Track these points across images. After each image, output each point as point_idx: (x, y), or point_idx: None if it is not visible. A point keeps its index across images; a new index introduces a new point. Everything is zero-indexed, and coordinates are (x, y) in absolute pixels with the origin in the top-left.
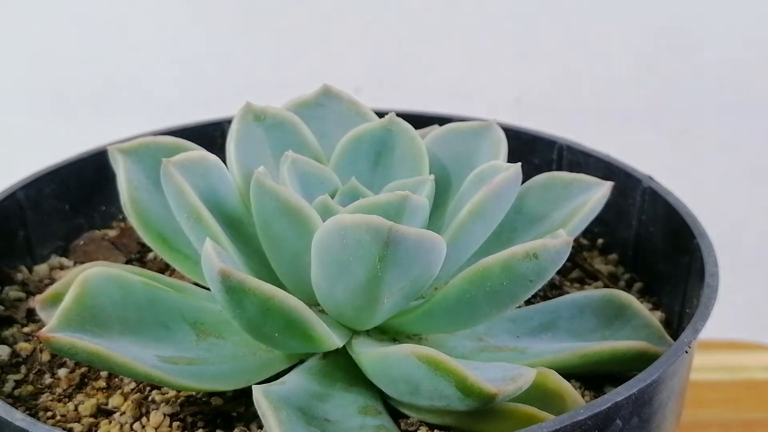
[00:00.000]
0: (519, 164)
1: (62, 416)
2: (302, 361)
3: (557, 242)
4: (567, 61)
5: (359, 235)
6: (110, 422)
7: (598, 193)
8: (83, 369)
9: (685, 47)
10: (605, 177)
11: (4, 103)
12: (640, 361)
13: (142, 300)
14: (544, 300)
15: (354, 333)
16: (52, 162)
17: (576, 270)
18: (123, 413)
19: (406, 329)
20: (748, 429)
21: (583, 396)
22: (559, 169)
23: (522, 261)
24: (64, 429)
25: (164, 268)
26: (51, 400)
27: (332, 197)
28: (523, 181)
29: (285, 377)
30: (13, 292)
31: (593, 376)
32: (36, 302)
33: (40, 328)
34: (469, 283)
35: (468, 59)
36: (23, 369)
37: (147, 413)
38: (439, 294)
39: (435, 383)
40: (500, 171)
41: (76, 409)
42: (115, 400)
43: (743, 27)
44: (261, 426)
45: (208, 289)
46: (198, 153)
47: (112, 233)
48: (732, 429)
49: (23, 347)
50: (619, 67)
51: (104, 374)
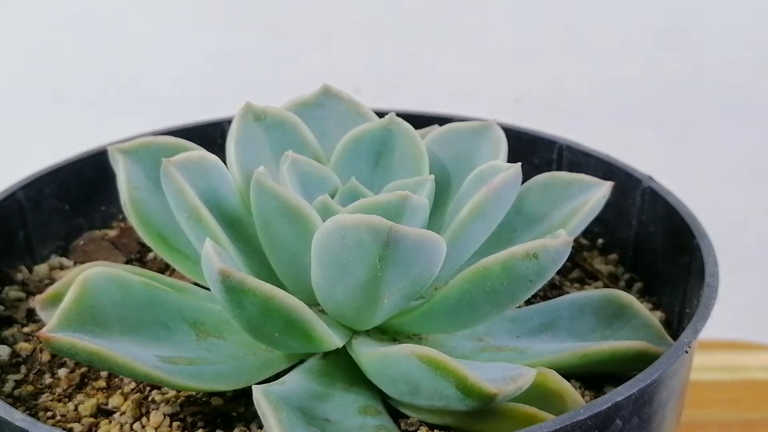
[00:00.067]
0: (519, 164)
1: (62, 416)
2: (302, 361)
3: (557, 242)
4: (567, 61)
5: (359, 235)
6: (110, 422)
7: (598, 193)
8: (83, 369)
9: (685, 47)
10: (605, 177)
11: (4, 103)
12: (640, 361)
13: (142, 300)
14: (544, 300)
15: (354, 333)
16: (52, 162)
17: (576, 270)
18: (123, 413)
19: (406, 329)
20: (748, 429)
21: (583, 396)
22: (559, 169)
23: (522, 261)
24: (64, 429)
25: (164, 268)
26: (51, 400)
27: (332, 197)
28: (523, 181)
29: (285, 377)
30: (13, 292)
31: (593, 376)
32: (36, 302)
33: (40, 328)
34: (469, 283)
35: (468, 59)
36: (23, 369)
37: (147, 413)
38: (439, 294)
39: (435, 383)
40: (500, 171)
41: (76, 409)
42: (115, 400)
43: (743, 27)
44: (261, 426)
45: (208, 289)
46: (198, 153)
47: (112, 233)
48: (732, 429)
49: (23, 347)
50: (619, 67)
51: (104, 374)
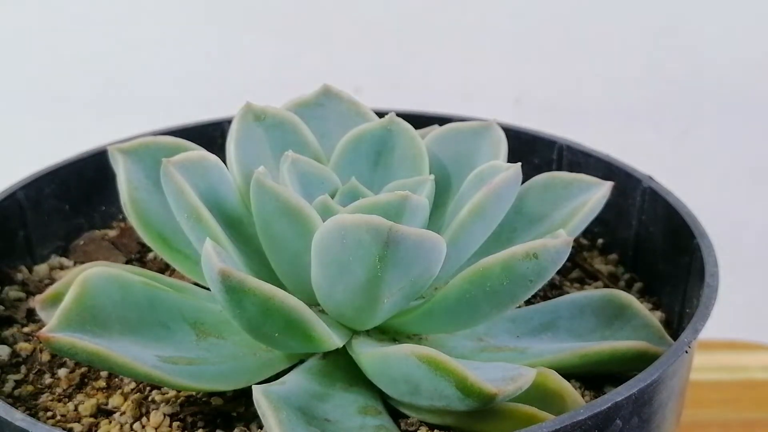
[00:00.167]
0: (519, 164)
1: (62, 416)
2: (302, 361)
3: (557, 242)
4: (567, 61)
5: (359, 235)
6: (110, 422)
7: (598, 193)
8: (83, 369)
9: (685, 47)
10: (605, 177)
11: (4, 103)
12: (640, 361)
13: (142, 300)
14: (544, 300)
15: (354, 333)
16: (52, 162)
17: (576, 270)
18: (123, 413)
19: (406, 329)
20: (748, 429)
21: (583, 396)
22: (559, 169)
23: (522, 261)
24: (64, 429)
25: (164, 268)
26: (51, 400)
27: (332, 197)
28: (523, 181)
29: (285, 377)
30: (13, 292)
31: (593, 376)
32: (36, 302)
33: (40, 328)
34: (469, 283)
35: (468, 59)
36: (23, 369)
37: (147, 413)
38: (439, 294)
39: (435, 383)
40: (500, 171)
41: (76, 409)
42: (115, 400)
43: (743, 27)
44: (261, 426)
45: (208, 289)
46: (198, 153)
47: (112, 233)
48: (732, 429)
49: (23, 347)
50: (619, 67)
51: (104, 374)
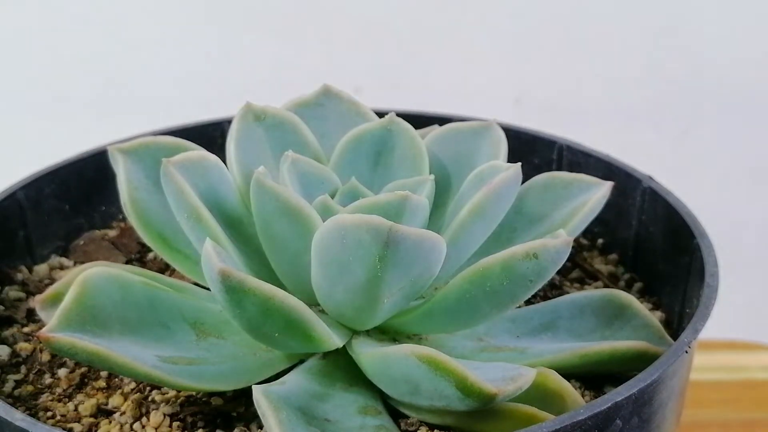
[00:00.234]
0: (519, 164)
1: (62, 416)
2: (302, 361)
3: (557, 242)
4: (567, 61)
5: (359, 235)
6: (110, 422)
7: (598, 193)
8: (83, 369)
9: (685, 47)
10: (605, 177)
11: (4, 103)
12: (640, 361)
13: (142, 300)
14: (544, 300)
15: (354, 333)
16: (52, 162)
17: (576, 270)
18: (123, 413)
19: (406, 329)
20: (748, 429)
21: (583, 396)
22: (559, 169)
23: (522, 261)
24: (64, 429)
25: (164, 268)
26: (51, 400)
27: (332, 197)
28: (523, 181)
29: (285, 377)
30: (13, 292)
31: (593, 376)
32: (36, 302)
33: (40, 328)
34: (469, 283)
35: (468, 59)
36: (23, 369)
37: (147, 413)
38: (439, 294)
39: (435, 383)
40: (500, 171)
41: (76, 409)
42: (115, 400)
43: (743, 27)
44: (261, 426)
45: (208, 289)
46: (198, 153)
47: (112, 233)
48: (732, 429)
49: (23, 347)
50: (620, 67)
51: (104, 374)
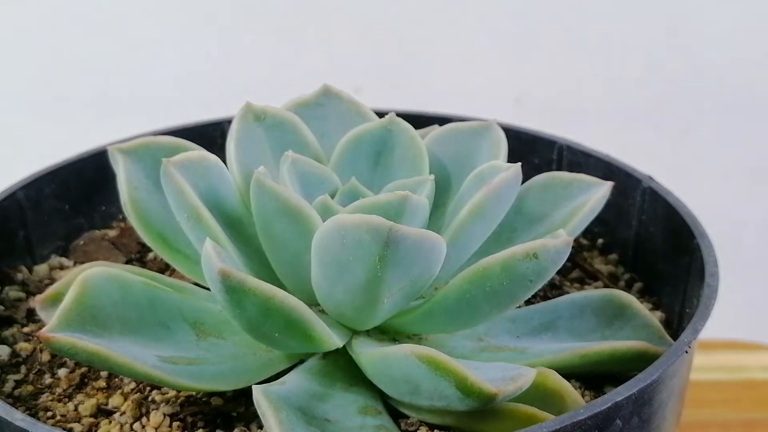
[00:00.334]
0: (519, 164)
1: (62, 416)
2: (302, 361)
3: (557, 242)
4: (567, 61)
5: (359, 235)
6: (110, 422)
7: (598, 193)
8: (83, 369)
9: (685, 47)
10: (605, 177)
11: (4, 103)
12: (640, 361)
13: (142, 300)
14: (544, 300)
15: (354, 333)
16: (52, 162)
17: (576, 270)
18: (123, 413)
19: (406, 329)
20: (748, 429)
21: (583, 396)
22: (559, 169)
23: (522, 261)
24: (64, 429)
25: (164, 268)
26: (51, 400)
27: (332, 197)
28: (523, 181)
29: (285, 377)
30: (13, 292)
31: (593, 376)
32: (36, 302)
33: (40, 328)
34: (469, 283)
35: (468, 59)
36: (23, 369)
37: (147, 413)
38: (439, 294)
39: (435, 383)
40: (500, 171)
41: (76, 409)
42: (115, 400)
43: (743, 27)
44: (261, 426)
45: (208, 289)
46: (198, 153)
47: (112, 233)
48: (732, 429)
49: (23, 347)
50: (620, 67)
51: (104, 374)
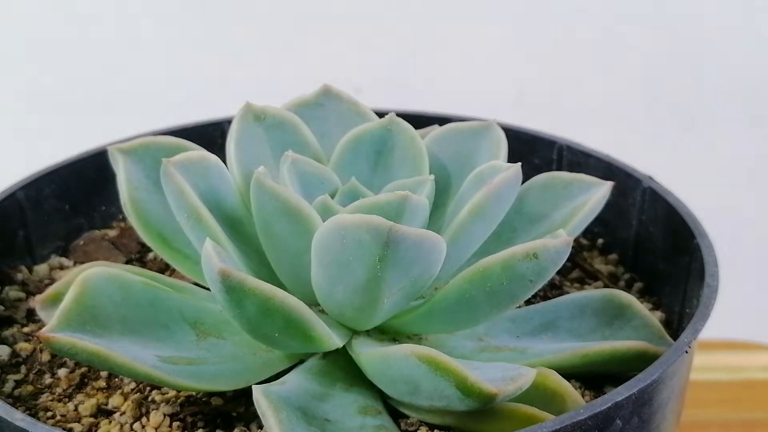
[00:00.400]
0: (519, 164)
1: (62, 416)
2: (302, 361)
3: (557, 242)
4: (567, 61)
5: (359, 235)
6: (110, 422)
7: (598, 193)
8: (83, 369)
9: (685, 47)
10: (605, 177)
11: (4, 103)
12: (640, 361)
13: (142, 300)
14: (544, 300)
15: (354, 333)
16: (52, 162)
17: (576, 270)
18: (123, 413)
19: (406, 329)
20: (748, 429)
21: (583, 396)
22: (559, 169)
23: (522, 261)
24: (64, 429)
25: (164, 268)
26: (51, 400)
27: (332, 197)
28: (523, 181)
29: (285, 377)
30: (13, 292)
31: (593, 376)
32: (36, 302)
33: (40, 328)
34: (469, 283)
35: (468, 59)
36: (23, 369)
37: (147, 413)
38: (439, 294)
39: (435, 383)
40: (500, 171)
41: (76, 409)
42: (115, 400)
43: (743, 27)
44: (261, 426)
45: (208, 289)
46: (198, 153)
47: (112, 233)
48: (732, 429)
49: (23, 347)
50: (620, 67)
51: (104, 374)
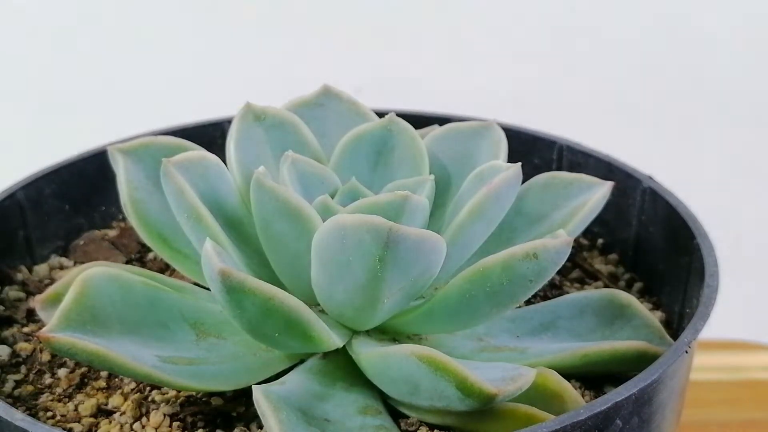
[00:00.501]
0: (519, 164)
1: (62, 416)
2: (302, 361)
3: (557, 242)
4: (566, 61)
5: (359, 235)
6: (110, 422)
7: (598, 193)
8: (83, 369)
9: (685, 46)
10: (605, 177)
11: (5, 103)
12: (640, 361)
13: (142, 300)
14: (544, 300)
15: (354, 333)
16: (52, 162)
17: (576, 270)
18: (123, 413)
19: (406, 329)
20: (748, 429)
21: (583, 396)
22: (559, 169)
23: (522, 261)
24: (64, 429)
25: (164, 268)
26: (51, 400)
27: (332, 197)
28: (523, 181)
29: (285, 377)
30: (13, 292)
31: (593, 376)
32: (36, 302)
33: (40, 328)
34: (469, 283)
35: (467, 59)
36: (23, 369)
37: (147, 413)
38: (439, 294)
39: (435, 383)
40: (500, 171)
41: (76, 409)
42: (115, 400)
43: (743, 27)
44: (261, 426)
45: (208, 289)
46: (198, 153)
47: (112, 233)
48: (731, 429)
49: (23, 347)
50: (620, 67)
51: (104, 374)
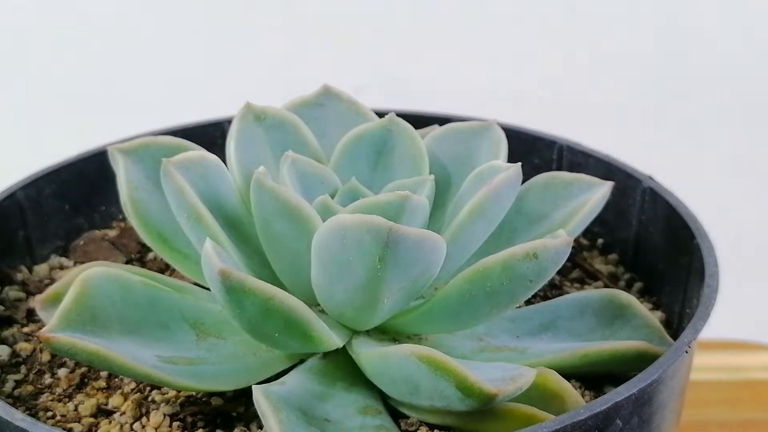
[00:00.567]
0: (519, 164)
1: (62, 416)
2: (302, 361)
3: (557, 242)
4: (567, 61)
5: (359, 235)
6: (110, 422)
7: (598, 193)
8: (83, 369)
9: (685, 47)
10: (605, 177)
11: (5, 103)
12: (640, 361)
13: (142, 300)
14: (544, 300)
15: (354, 333)
16: (52, 162)
17: (576, 270)
18: (123, 413)
19: (407, 329)
20: (748, 429)
21: (583, 396)
22: (559, 169)
23: (522, 261)
24: (64, 429)
25: (164, 268)
26: (51, 400)
27: (332, 197)
28: (523, 181)
29: (285, 377)
30: (13, 292)
31: (593, 376)
32: (36, 302)
33: (40, 328)
34: (469, 283)
35: (468, 59)
36: (23, 369)
37: (147, 413)
38: (439, 294)
39: (435, 383)
40: (500, 171)
41: (76, 409)
42: (115, 400)
43: (743, 27)
44: (261, 426)
45: (208, 289)
46: (198, 153)
47: (112, 233)
48: (731, 429)
49: (23, 347)
50: (619, 67)
51: (104, 374)
